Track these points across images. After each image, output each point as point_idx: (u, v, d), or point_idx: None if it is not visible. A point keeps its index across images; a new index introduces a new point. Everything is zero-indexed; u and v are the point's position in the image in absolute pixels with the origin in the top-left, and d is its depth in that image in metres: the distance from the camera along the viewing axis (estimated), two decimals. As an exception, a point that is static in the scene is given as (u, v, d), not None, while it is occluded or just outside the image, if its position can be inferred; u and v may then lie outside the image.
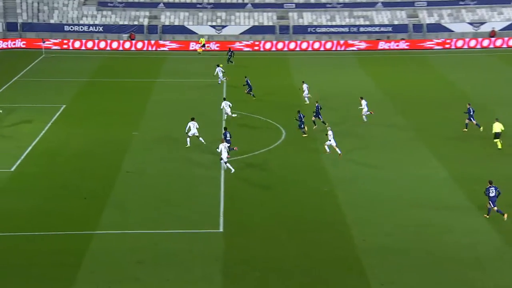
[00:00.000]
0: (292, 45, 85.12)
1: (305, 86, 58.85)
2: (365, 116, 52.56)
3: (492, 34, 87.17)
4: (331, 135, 45.03)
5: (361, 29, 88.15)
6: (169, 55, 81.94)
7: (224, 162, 42.10)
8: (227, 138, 44.12)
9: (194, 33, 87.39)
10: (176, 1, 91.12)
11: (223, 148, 41.87)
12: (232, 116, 52.72)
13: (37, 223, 35.52)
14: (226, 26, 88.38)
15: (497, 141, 46.48)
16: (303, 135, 49.25)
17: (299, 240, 33.77)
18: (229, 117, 52.81)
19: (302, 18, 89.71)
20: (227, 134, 44.64)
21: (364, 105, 52.55)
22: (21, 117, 54.01)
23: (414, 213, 36.70)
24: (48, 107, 57.24)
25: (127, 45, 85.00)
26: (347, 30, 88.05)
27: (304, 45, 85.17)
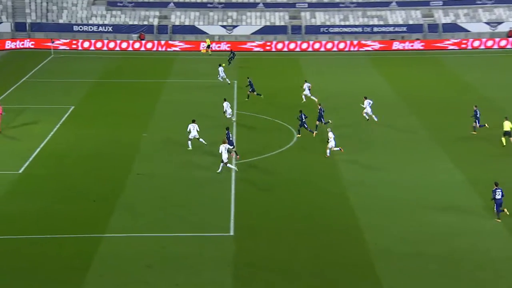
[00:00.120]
0: (304, 46, 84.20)
1: (306, 85, 58.23)
2: (366, 115, 52.10)
3: (510, 34, 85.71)
4: (332, 137, 44.60)
5: (375, 29, 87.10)
6: (179, 56, 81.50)
7: (225, 164, 41.67)
8: (230, 139, 43.93)
9: (205, 33, 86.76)
10: (187, 1, 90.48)
11: (224, 150, 41.52)
12: (227, 118, 52.01)
13: (45, 226, 35.27)
14: (237, 26, 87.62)
15: (504, 139, 46.60)
16: (314, 134, 48.75)
17: (310, 243, 33.56)
18: (231, 117, 52.34)
19: (315, 18, 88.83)
20: (230, 135, 44.45)
21: (367, 105, 52.11)
22: (29, 118, 53.80)
23: (428, 216, 36.38)
24: (57, 108, 56.88)
25: (137, 45, 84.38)
26: (361, 30, 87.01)
27: (317, 46, 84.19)
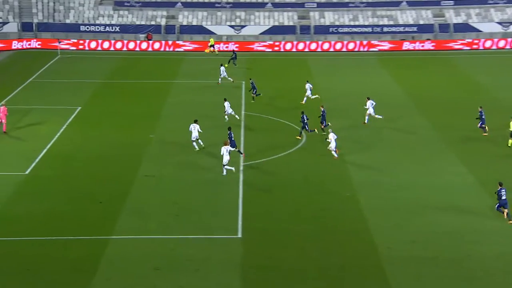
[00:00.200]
0: (313, 46, 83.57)
1: (308, 86, 57.75)
2: (367, 117, 51.71)
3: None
4: (333, 138, 44.25)
5: (385, 29, 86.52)
6: (187, 56, 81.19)
7: (223, 165, 41.34)
8: (232, 139, 43.71)
9: (213, 33, 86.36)
10: (194, 1, 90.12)
11: (225, 152, 41.17)
12: (226, 119, 51.72)
13: (52, 228, 35.00)
14: (245, 26, 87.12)
15: (511, 140, 46.51)
16: (317, 132, 48.64)
17: (318, 245, 33.23)
18: (231, 116, 51.94)
19: (324, 18, 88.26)
20: (232, 135, 44.12)
21: (369, 106, 51.65)
22: (36, 119, 53.56)
23: (439, 219, 35.99)
24: (63, 109, 56.57)
25: (144, 46, 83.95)
26: (370, 30, 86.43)
27: (326, 46, 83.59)
